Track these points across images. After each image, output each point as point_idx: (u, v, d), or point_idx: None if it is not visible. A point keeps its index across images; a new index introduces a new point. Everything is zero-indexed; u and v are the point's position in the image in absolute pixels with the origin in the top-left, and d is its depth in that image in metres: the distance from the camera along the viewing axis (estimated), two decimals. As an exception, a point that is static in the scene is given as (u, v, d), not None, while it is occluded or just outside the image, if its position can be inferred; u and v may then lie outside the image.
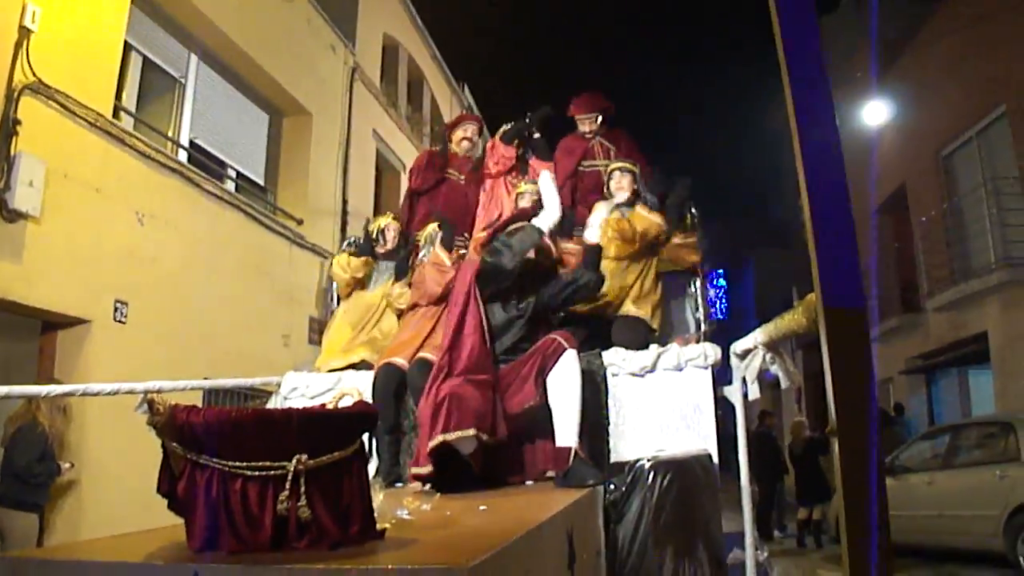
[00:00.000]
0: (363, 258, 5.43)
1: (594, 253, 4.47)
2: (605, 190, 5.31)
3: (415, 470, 3.66)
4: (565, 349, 3.84)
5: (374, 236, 5.63)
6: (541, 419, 3.84)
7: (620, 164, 5.31)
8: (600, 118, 5.93)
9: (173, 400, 1.97)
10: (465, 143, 6.12)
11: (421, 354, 4.53)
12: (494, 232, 4.50)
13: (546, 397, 3.83)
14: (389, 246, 5.54)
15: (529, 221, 4.47)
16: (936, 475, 9.80)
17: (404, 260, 5.40)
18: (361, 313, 5.38)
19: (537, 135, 5.62)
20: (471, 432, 3.55)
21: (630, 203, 5.11)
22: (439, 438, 3.54)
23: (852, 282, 1.99)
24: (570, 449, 3.67)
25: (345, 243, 6.21)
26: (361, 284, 5.46)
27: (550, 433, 3.79)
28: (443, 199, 5.87)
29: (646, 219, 5.02)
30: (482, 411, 3.65)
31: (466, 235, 5.65)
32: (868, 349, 1.89)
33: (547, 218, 4.51)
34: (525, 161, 5.73)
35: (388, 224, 5.63)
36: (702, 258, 5.30)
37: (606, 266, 4.67)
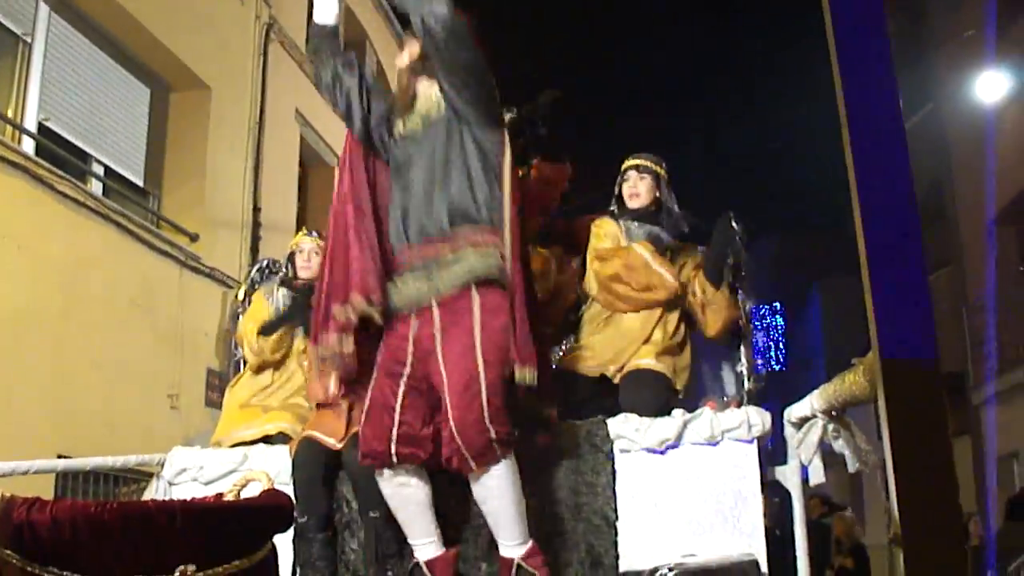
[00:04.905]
0: (277, 334, 5.39)
1: None
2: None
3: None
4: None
5: (284, 264, 5.61)
6: None
7: (638, 161, 5.22)
8: None
9: (8, 490, 1.94)
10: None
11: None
12: None
13: None
14: (305, 276, 5.51)
15: None
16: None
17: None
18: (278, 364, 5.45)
19: (544, 130, 5.56)
20: None
21: (652, 218, 5.12)
22: None
23: (919, 322, 1.97)
24: (512, 562, 3.76)
25: (255, 269, 6.15)
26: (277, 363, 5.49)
27: None
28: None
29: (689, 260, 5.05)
30: None
31: None
32: (942, 416, 1.86)
33: None
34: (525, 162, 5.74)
35: (301, 243, 5.61)
36: (744, 314, 5.20)
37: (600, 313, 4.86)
